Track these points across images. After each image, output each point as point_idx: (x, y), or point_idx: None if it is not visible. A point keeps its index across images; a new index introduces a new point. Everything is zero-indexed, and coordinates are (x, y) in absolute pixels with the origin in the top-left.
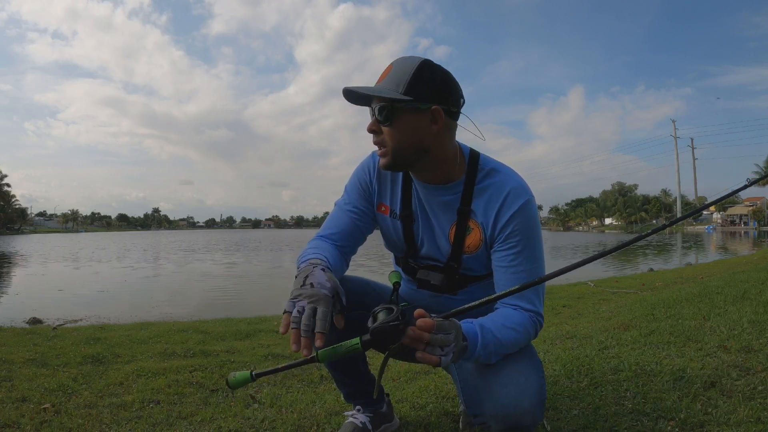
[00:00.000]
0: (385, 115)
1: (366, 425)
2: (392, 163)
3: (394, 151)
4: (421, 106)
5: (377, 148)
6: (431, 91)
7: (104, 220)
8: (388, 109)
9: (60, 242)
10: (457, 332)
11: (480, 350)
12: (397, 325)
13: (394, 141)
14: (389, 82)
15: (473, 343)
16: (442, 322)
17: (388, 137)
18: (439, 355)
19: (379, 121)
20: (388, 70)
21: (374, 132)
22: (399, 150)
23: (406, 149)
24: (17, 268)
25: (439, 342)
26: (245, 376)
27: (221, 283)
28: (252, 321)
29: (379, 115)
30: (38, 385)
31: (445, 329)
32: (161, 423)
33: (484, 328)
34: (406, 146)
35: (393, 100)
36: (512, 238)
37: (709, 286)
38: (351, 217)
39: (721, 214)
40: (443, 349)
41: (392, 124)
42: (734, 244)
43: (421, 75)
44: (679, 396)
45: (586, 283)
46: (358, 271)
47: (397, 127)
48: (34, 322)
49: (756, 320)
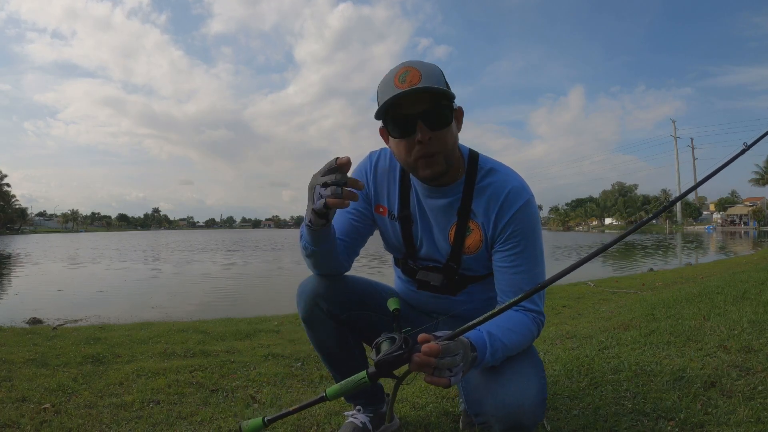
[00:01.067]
0: (443, 116)
1: (366, 425)
2: (446, 168)
3: (448, 155)
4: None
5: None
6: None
7: (104, 220)
8: (446, 107)
9: (60, 242)
10: (465, 350)
11: (489, 357)
12: (401, 355)
13: (449, 144)
14: (432, 82)
15: (482, 352)
16: (448, 345)
17: (445, 140)
18: (448, 377)
19: (434, 126)
20: (415, 74)
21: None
22: (452, 153)
23: (455, 151)
24: (17, 268)
25: (446, 365)
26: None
27: (221, 283)
28: (252, 321)
29: (434, 118)
30: (38, 385)
31: (451, 352)
32: (161, 423)
33: (492, 336)
34: (456, 149)
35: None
36: (513, 238)
37: (709, 286)
38: (349, 218)
39: (721, 214)
40: (452, 370)
41: (450, 125)
42: (734, 244)
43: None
44: (679, 396)
45: (586, 283)
46: (357, 271)
47: (451, 128)
48: (34, 322)
49: (756, 320)
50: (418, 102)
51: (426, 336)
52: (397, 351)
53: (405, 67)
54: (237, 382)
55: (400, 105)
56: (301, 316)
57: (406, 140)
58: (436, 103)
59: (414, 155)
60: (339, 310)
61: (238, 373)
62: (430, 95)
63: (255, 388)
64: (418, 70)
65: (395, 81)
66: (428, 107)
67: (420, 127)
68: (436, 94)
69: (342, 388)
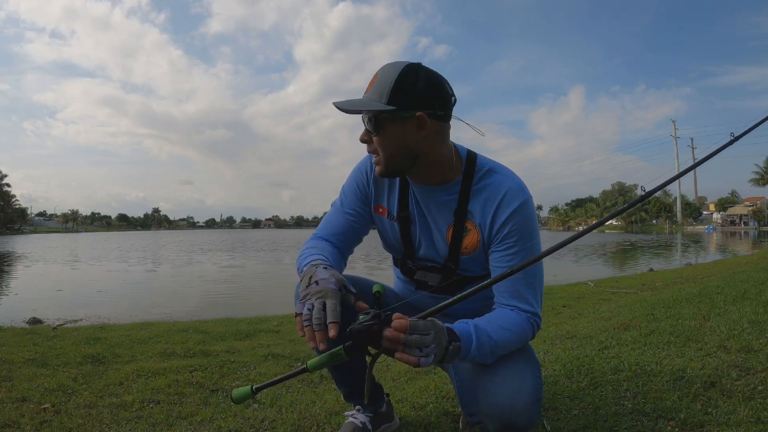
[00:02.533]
0: (373, 125)
1: (366, 425)
2: (385, 170)
3: (386, 159)
4: (405, 114)
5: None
6: (414, 97)
7: (104, 220)
8: (375, 119)
9: (60, 242)
10: (437, 333)
11: (475, 351)
12: (371, 326)
13: (384, 150)
14: (374, 93)
15: (467, 343)
16: (417, 323)
17: (379, 146)
18: (418, 356)
19: (370, 131)
20: (374, 79)
21: (366, 142)
22: (390, 158)
23: (397, 156)
24: (17, 268)
25: (415, 343)
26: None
27: (221, 283)
28: (252, 321)
29: (368, 125)
30: (38, 385)
31: (420, 330)
32: (161, 423)
33: (478, 329)
34: (396, 154)
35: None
36: (509, 238)
37: (709, 286)
38: (347, 218)
39: (721, 214)
40: (422, 350)
41: (380, 133)
42: (734, 244)
43: (404, 82)
44: (679, 396)
45: (586, 283)
46: (356, 271)
47: (384, 136)
48: (34, 322)
49: (756, 320)
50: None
51: (399, 315)
52: (368, 321)
53: (379, 70)
54: (237, 382)
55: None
56: None
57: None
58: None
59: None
60: None
61: (238, 373)
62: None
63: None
64: (377, 77)
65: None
66: (369, 113)
67: (364, 130)
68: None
69: (320, 360)
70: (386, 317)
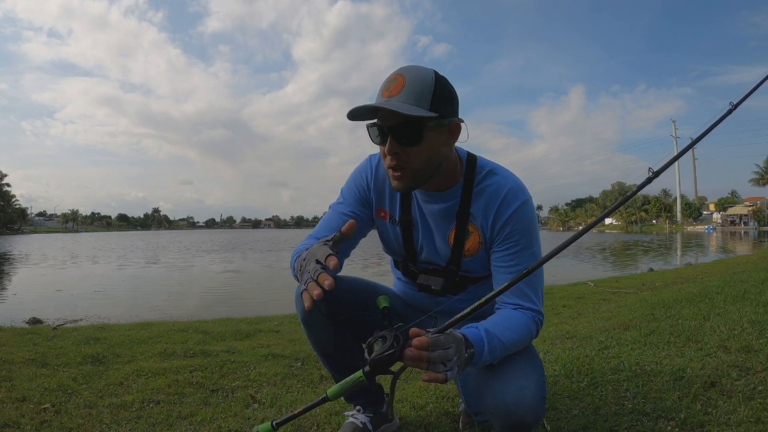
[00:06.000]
0: (412, 135)
1: (366, 425)
2: (413, 183)
3: (418, 171)
4: (445, 122)
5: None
6: (451, 104)
7: (104, 220)
8: (416, 128)
9: (60, 242)
10: (458, 344)
11: (487, 355)
12: (393, 353)
13: (417, 161)
14: (410, 97)
15: (480, 349)
16: (438, 339)
17: (414, 158)
18: (444, 371)
19: (403, 142)
20: (400, 83)
21: (394, 154)
22: (420, 170)
23: (427, 168)
24: (17, 268)
25: (438, 359)
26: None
27: (221, 283)
28: (252, 321)
29: (404, 136)
30: (38, 385)
31: (442, 345)
32: (161, 423)
33: (489, 334)
34: (428, 165)
35: (422, 119)
36: (510, 238)
37: (709, 286)
38: (345, 220)
39: (721, 214)
40: (446, 364)
41: (420, 144)
42: (734, 244)
43: (441, 88)
44: (679, 396)
45: (586, 283)
46: (355, 271)
47: (423, 146)
48: (34, 322)
49: (756, 320)
50: (392, 115)
51: (417, 330)
52: (389, 350)
53: (397, 73)
54: (237, 382)
55: (377, 112)
56: (300, 317)
57: (382, 147)
58: (409, 120)
59: (386, 164)
60: (338, 310)
61: (238, 373)
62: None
63: (255, 388)
64: (404, 80)
65: (383, 88)
66: (401, 121)
67: (390, 140)
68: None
69: (341, 388)
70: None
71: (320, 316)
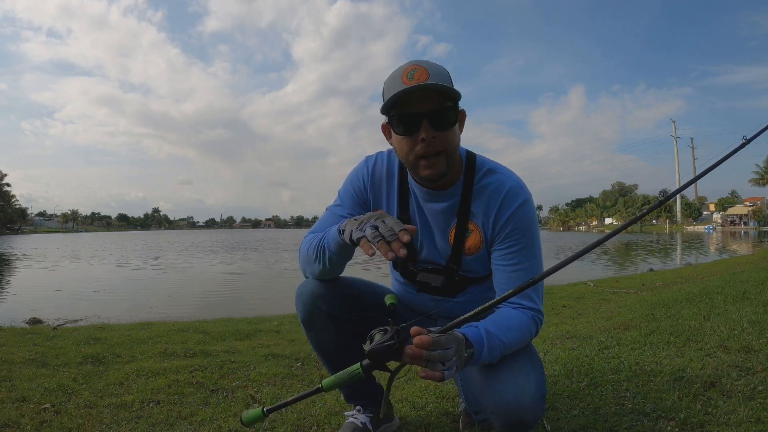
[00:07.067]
0: (450, 116)
1: (366, 425)
2: (446, 170)
3: (450, 156)
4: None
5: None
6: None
7: (104, 220)
8: (450, 110)
9: (60, 242)
10: (458, 345)
11: (486, 355)
12: (392, 345)
13: (452, 145)
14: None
15: (479, 349)
16: (439, 338)
17: (447, 141)
18: (442, 370)
19: (437, 126)
20: (423, 71)
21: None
22: (453, 154)
23: (456, 153)
24: (17, 268)
25: (438, 358)
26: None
27: (221, 284)
28: (252, 321)
29: (439, 119)
30: (38, 385)
31: (442, 345)
32: (161, 423)
33: (489, 333)
34: (457, 150)
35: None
36: (511, 237)
37: (709, 286)
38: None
39: (721, 215)
40: (445, 364)
41: (454, 126)
42: (734, 244)
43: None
44: (679, 396)
45: (586, 283)
46: (355, 272)
47: (454, 130)
48: (34, 322)
49: (756, 320)
50: (425, 101)
51: (418, 329)
52: (388, 341)
53: (413, 65)
54: (237, 382)
55: (407, 102)
56: (300, 317)
57: (410, 138)
58: (442, 103)
59: (416, 153)
60: (338, 310)
61: (238, 373)
62: (437, 95)
63: (255, 388)
64: (427, 69)
65: (403, 77)
66: (434, 107)
67: (425, 126)
68: (443, 94)
69: (337, 379)
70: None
71: (321, 316)
